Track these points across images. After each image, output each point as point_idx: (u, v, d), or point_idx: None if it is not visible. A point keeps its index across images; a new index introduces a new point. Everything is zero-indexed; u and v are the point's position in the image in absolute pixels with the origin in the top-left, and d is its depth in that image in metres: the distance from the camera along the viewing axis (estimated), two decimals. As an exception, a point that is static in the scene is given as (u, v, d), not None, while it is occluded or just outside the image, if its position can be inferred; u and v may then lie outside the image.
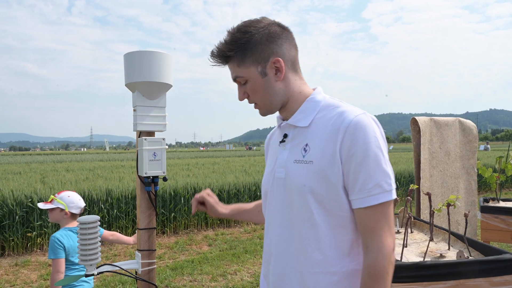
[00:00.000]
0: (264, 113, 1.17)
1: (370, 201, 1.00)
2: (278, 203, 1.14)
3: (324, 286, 1.05)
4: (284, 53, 1.11)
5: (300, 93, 1.15)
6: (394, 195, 1.02)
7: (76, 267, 2.47)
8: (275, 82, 1.11)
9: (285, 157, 1.13)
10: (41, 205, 2.46)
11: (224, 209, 1.53)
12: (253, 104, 1.18)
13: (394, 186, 1.03)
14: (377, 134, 1.03)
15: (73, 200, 2.51)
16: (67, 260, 2.44)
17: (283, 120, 1.20)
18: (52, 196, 2.51)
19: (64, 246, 2.40)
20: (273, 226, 1.16)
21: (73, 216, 2.53)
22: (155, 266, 1.82)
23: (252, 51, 1.08)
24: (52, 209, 2.48)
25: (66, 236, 2.45)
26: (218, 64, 1.14)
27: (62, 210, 2.48)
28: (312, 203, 1.05)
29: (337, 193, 1.04)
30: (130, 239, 2.67)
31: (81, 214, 2.81)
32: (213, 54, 1.12)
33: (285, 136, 1.16)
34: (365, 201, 1.01)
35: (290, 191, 1.10)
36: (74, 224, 2.54)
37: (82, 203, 2.56)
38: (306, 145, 1.08)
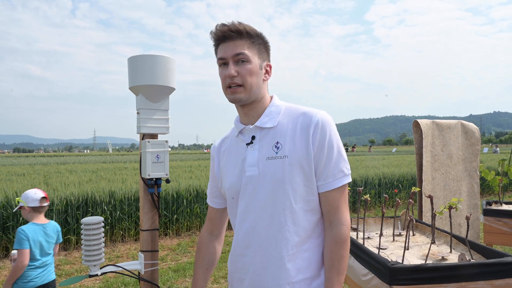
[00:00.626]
0: (241, 97, 1.23)
1: (336, 184, 1.22)
2: (254, 199, 1.24)
3: (299, 262, 1.22)
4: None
5: (268, 98, 1.33)
6: (350, 178, 1.26)
7: (35, 263, 2.59)
8: (262, 79, 1.28)
9: (255, 157, 1.25)
10: (14, 210, 2.79)
11: None
12: (229, 87, 1.23)
13: (350, 170, 1.26)
14: (336, 129, 1.26)
15: (28, 195, 2.67)
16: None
17: (245, 125, 1.32)
18: (17, 199, 2.71)
19: (29, 238, 2.54)
20: (250, 220, 1.25)
21: (35, 209, 2.68)
22: (158, 267, 1.83)
23: (259, 46, 1.27)
24: (20, 210, 2.69)
25: (33, 231, 2.59)
26: (228, 33, 1.21)
27: (23, 207, 2.66)
28: (290, 193, 1.20)
29: (310, 181, 1.22)
30: None
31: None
32: (231, 24, 1.22)
33: (253, 138, 1.28)
34: (332, 184, 1.21)
35: (266, 185, 1.22)
36: (41, 219, 2.70)
37: (38, 195, 2.69)
38: (277, 142, 1.24)
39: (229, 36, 1.21)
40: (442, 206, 2.11)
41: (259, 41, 1.26)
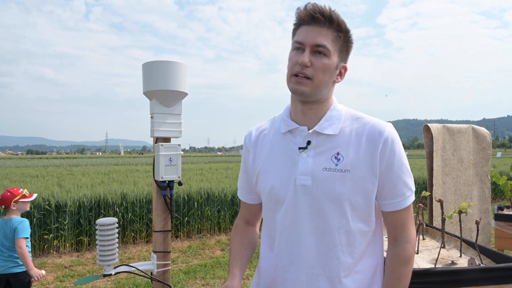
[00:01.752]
0: (305, 91, 1.09)
1: (406, 203, 1.14)
2: (304, 211, 1.12)
3: (349, 285, 1.12)
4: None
5: (331, 102, 1.19)
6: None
7: None
8: (333, 80, 1.15)
9: (310, 165, 1.11)
10: None
11: (237, 279, 1.22)
12: (296, 76, 1.10)
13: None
14: (402, 144, 1.15)
15: None
16: None
17: (298, 125, 1.17)
18: None
19: None
20: (297, 234, 1.14)
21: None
22: (170, 267, 1.88)
23: (343, 44, 1.13)
24: None
25: None
26: (318, 16, 1.07)
27: None
28: (349, 211, 1.09)
29: (370, 200, 1.12)
30: (31, 267, 2.95)
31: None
32: (324, 7, 1.08)
33: (308, 143, 1.14)
34: (402, 204, 1.14)
35: (320, 199, 1.10)
36: (8, 215, 3.01)
37: None
38: (338, 153, 1.11)
39: (317, 20, 1.07)
40: (452, 210, 2.11)
41: (344, 38, 1.12)
